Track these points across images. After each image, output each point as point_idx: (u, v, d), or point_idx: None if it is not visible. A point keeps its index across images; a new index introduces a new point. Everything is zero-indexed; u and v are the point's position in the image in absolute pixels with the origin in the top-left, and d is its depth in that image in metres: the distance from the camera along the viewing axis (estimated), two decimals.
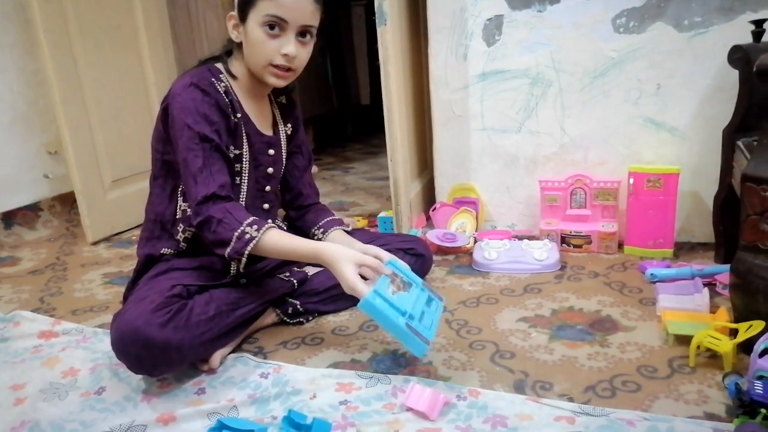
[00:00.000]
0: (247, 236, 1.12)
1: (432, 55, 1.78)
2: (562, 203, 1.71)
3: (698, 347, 1.07)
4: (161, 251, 1.25)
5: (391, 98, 1.67)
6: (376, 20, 1.60)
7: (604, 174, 1.69)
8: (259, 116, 1.30)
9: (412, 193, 1.88)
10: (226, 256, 1.13)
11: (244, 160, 1.25)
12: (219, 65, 1.25)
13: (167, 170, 1.25)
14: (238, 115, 1.23)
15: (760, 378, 0.90)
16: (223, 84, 1.21)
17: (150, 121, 2.21)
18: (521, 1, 1.64)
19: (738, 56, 1.36)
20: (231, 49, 1.26)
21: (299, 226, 1.45)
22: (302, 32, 1.17)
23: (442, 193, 1.91)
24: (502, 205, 1.85)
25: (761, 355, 0.93)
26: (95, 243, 2.04)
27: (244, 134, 1.25)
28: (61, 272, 1.79)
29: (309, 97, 3.49)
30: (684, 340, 1.12)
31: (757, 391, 0.86)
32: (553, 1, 1.61)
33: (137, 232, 2.13)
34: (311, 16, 1.17)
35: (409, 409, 0.97)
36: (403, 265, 1.18)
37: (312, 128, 3.66)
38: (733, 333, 1.07)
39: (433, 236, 1.72)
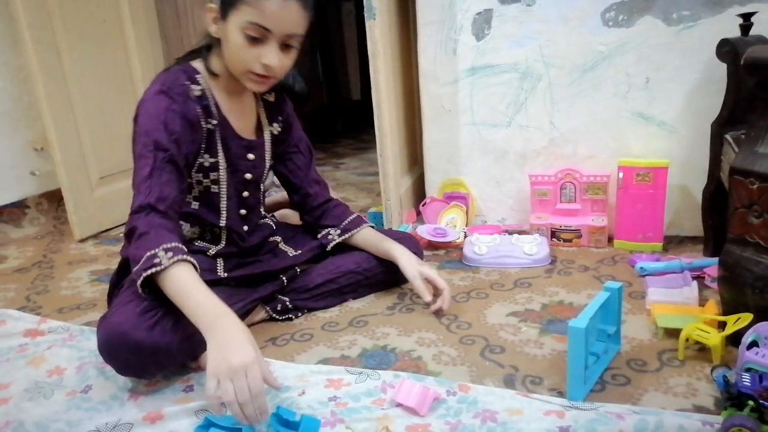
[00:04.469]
0: (156, 260, 0.98)
1: (421, 49, 1.77)
2: (551, 197, 1.71)
3: (687, 340, 1.07)
4: None
5: (381, 93, 1.66)
6: (365, 15, 1.59)
7: (594, 168, 1.69)
8: (241, 117, 1.25)
9: (402, 188, 1.88)
10: (132, 273, 1.01)
11: (221, 167, 1.22)
12: (197, 63, 1.18)
13: None
14: (214, 122, 1.18)
15: (748, 370, 0.90)
16: (198, 87, 1.15)
17: None
18: None
19: (726, 50, 1.36)
20: (211, 43, 1.18)
21: (317, 233, 1.42)
22: (285, 42, 1.10)
23: (432, 188, 1.90)
24: (492, 200, 1.84)
25: (749, 347, 0.93)
26: (82, 240, 2.02)
27: (219, 140, 1.20)
28: (47, 270, 1.77)
29: None
30: (673, 333, 1.12)
31: (744, 383, 0.87)
32: None
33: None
34: (298, 24, 1.09)
35: (399, 405, 0.97)
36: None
37: (302, 124, 3.64)
38: (722, 326, 1.07)
39: (423, 231, 1.71)
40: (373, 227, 1.44)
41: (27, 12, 1.80)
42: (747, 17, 1.36)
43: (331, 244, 1.40)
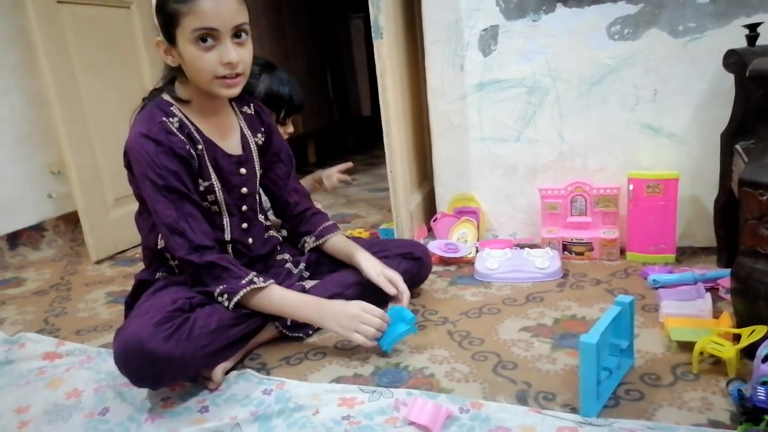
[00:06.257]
0: (254, 283, 1.18)
1: (429, 66, 1.79)
2: (562, 211, 1.71)
3: (701, 353, 1.06)
4: (156, 275, 1.25)
5: (389, 110, 1.67)
6: (372, 34, 1.61)
7: (604, 181, 1.69)
8: (223, 134, 1.27)
9: (412, 204, 1.89)
10: (217, 291, 1.17)
11: (217, 188, 1.24)
12: (166, 97, 1.21)
13: (147, 205, 1.22)
14: (200, 147, 1.20)
15: (764, 384, 0.89)
16: (176, 119, 1.18)
17: None
18: (516, 11, 1.65)
19: (733, 60, 1.36)
20: (174, 76, 1.21)
21: (294, 239, 1.47)
22: (236, 33, 1.12)
23: (443, 203, 1.91)
24: (503, 214, 1.85)
25: (764, 360, 0.92)
26: (99, 262, 2.05)
27: (209, 163, 1.22)
28: (65, 292, 1.80)
29: (309, 111, 3.50)
30: (687, 346, 1.11)
31: (759, 397, 0.86)
32: (548, 10, 1.62)
33: (141, 249, 2.15)
34: (237, 13, 1.12)
35: (412, 423, 0.97)
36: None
37: (313, 142, 3.67)
38: (737, 338, 1.06)
39: (434, 247, 1.72)
40: (345, 235, 1.50)
41: (44, 39, 1.85)
42: (753, 28, 1.36)
43: (306, 249, 1.46)
